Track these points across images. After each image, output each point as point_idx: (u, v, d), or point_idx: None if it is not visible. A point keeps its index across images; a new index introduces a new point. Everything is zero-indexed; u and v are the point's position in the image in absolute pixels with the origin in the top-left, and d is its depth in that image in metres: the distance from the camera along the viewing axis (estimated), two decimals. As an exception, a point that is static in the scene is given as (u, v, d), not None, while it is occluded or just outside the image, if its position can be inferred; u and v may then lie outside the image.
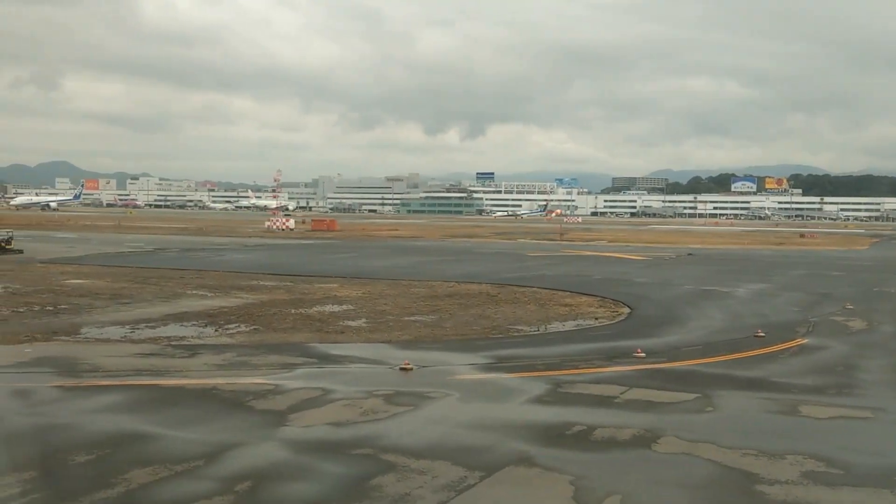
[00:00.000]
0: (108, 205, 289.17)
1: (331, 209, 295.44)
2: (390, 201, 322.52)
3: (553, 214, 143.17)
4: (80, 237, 74.66)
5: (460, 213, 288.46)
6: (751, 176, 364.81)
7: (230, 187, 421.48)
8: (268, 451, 12.19)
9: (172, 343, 21.40)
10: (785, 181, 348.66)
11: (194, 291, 33.62)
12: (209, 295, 32.64)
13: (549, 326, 25.43)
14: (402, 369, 18.08)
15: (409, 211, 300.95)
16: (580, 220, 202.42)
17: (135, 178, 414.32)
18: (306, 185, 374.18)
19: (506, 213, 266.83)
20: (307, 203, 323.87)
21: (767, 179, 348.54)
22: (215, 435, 12.97)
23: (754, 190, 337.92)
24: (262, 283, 37.43)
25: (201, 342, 21.79)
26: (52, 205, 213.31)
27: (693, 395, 15.97)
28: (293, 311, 28.27)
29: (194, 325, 24.98)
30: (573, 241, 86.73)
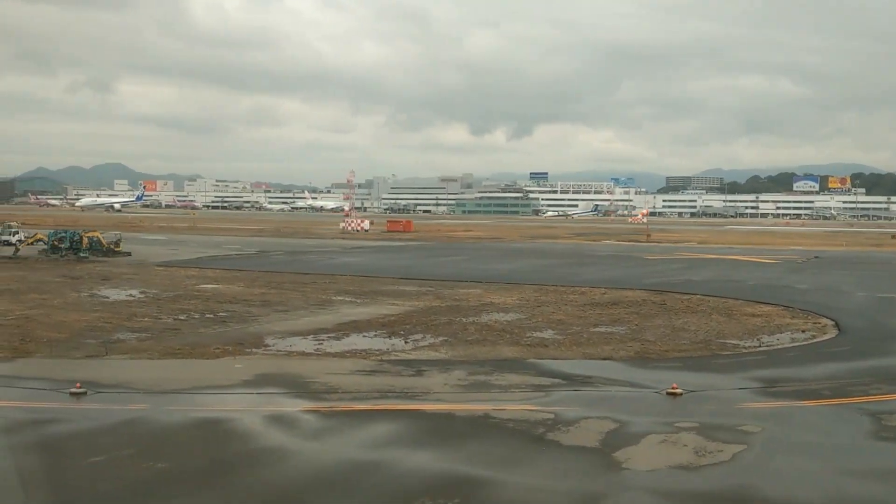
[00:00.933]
0: (167, 206, 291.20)
1: (385, 209, 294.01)
2: (444, 201, 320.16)
3: (640, 215, 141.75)
4: (170, 239, 73.88)
5: (516, 213, 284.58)
6: (812, 175, 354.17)
7: (282, 188, 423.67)
8: (647, 504, 10.18)
9: (384, 359, 19.63)
10: (848, 180, 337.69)
11: (340, 298, 31.98)
12: (359, 301, 30.97)
13: (763, 341, 23.16)
14: (669, 393, 16.04)
15: (463, 211, 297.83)
16: (645, 220, 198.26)
17: (192, 179, 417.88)
18: (360, 186, 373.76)
19: (556, 213, 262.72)
20: (362, 203, 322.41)
21: (830, 179, 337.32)
22: (559, 481, 11.06)
23: (817, 189, 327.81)
24: (401, 287, 35.70)
25: (412, 357, 20.01)
26: (116, 206, 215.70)
27: None
28: (463, 319, 26.43)
29: (376, 335, 23.29)
30: (661, 242, 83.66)
